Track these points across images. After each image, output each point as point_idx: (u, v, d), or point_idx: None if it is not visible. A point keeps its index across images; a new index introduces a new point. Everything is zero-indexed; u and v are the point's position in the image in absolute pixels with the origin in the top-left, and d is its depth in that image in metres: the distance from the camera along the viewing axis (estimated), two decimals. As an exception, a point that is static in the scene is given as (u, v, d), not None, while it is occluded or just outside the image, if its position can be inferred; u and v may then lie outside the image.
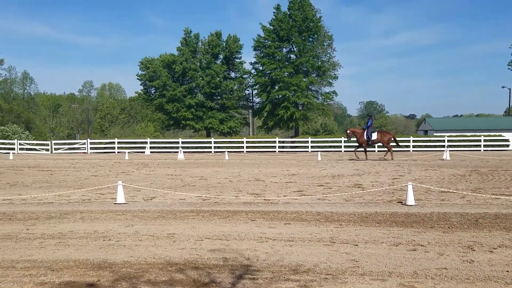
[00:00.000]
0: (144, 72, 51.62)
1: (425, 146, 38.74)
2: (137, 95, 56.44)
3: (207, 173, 18.71)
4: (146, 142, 41.57)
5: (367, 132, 27.53)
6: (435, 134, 49.16)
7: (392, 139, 27.83)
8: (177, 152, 32.72)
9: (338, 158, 28.92)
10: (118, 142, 42.44)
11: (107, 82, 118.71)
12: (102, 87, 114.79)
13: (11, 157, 31.51)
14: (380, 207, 10.12)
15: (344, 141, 39.39)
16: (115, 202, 10.90)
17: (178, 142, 41.29)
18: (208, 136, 51.43)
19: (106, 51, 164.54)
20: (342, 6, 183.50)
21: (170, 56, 50.85)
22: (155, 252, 6.48)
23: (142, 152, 39.33)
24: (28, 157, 33.19)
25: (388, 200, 11.01)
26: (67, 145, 45.41)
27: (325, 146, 40.26)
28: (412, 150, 37.88)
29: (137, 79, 52.57)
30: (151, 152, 39.22)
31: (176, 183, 15.27)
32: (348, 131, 28.54)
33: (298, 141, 42.91)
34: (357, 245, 6.79)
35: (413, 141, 39.17)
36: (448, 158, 26.21)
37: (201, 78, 50.20)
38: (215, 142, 41.49)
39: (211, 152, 40.19)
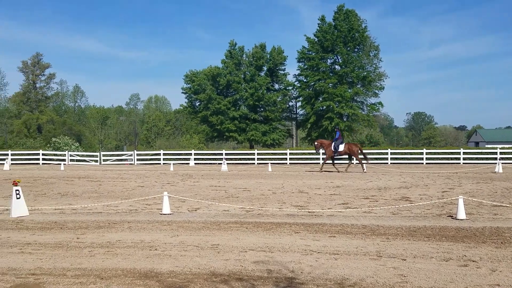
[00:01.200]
0: (189, 85, 52.55)
1: (476, 158, 37.35)
2: (182, 107, 57.48)
3: (250, 185, 18.74)
4: (190, 154, 42.15)
5: (334, 144, 27.98)
6: (486, 145, 47.47)
7: (359, 151, 28.27)
8: (221, 163, 32.98)
9: (385, 171, 28.34)
10: (164, 154, 43.23)
11: (153, 95, 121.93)
12: (149, 100, 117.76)
13: (62, 168, 32.66)
14: (429, 221, 9.82)
15: (391, 153, 38.67)
16: (161, 213, 11.07)
17: (221, 154, 41.66)
18: (251, 148, 51.64)
19: (153, 65, 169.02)
20: (388, 17, 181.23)
21: (215, 69, 51.59)
22: (199, 262, 6.53)
23: (186, 163, 39.89)
24: (78, 168, 34.30)
25: (438, 214, 10.67)
26: (115, 156, 46.67)
27: (370, 158, 39.56)
28: (463, 163, 36.67)
29: (182, 92, 53.59)
30: (195, 163, 39.71)
31: (220, 194, 15.37)
32: (316, 143, 29.31)
33: (342, 152, 42.38)
34: (405, 260, 6.60)
35: (464, 153, 37.87)
36: (501, 170, 25.21)
37: (244, 91, 50.60)
38: (258, 154, 41.58)
39: (254, 163, 40.29)
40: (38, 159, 42.96)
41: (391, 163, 37.75)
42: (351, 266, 6.30)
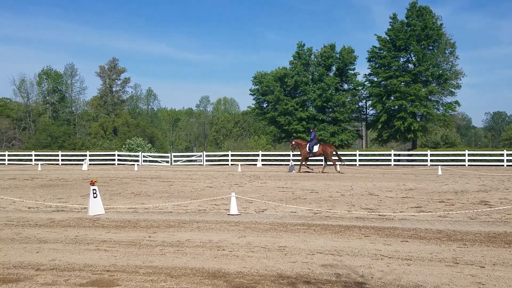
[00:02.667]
0: (257, 87, 52.94)
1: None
2: (250, 109, 58.03)
3: (318, 186, 18.53)
4: (258, 155, 42.43)
5: (309, 144, 28.04)
6: None
7: (334, 152, 28.73)
8: (288, 164, 32.90)
9: (461, 173, 27.06)
10: (232, 155, 43.83)
11: (222, 97, 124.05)
12: (218, 101, 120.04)
13: (136, 168, 33.99)
14: (510, 226, 9.21)
15: (468, 154, 36.90)
16: (228, 213, 11.18)
17: (289, 155, 41.58)
18: (320, 149, 51.08)
19: (222, 67, 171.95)
20: (465, 13, 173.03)
21: (282, 70, 51.63)
22: (267, 264, 6.49)
23: (254, 164, 40.19)
24: (150, 169, 35.55)
25: (519, 219, 10.00)
26: (185, 157, 47.95)
27: (446, 159, 37.93)
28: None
29: (250, 94, 54.09)
30: (262, 164, 39.92)
31: (287, 195, 15.30)
32: (292, 142, 29.52)
33: (416, 154, 40.94)
34: (483, 267, 6.21)
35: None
36: None
37: (312, 91, 50.25)
38: (326, 155, 41.10)
39: (322, 165, 39.87)
40: (113, 159, 45.02)
41: (468, 165, 35.99)
42: (425, 272, 6.02)
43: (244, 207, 12.28)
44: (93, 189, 11.11)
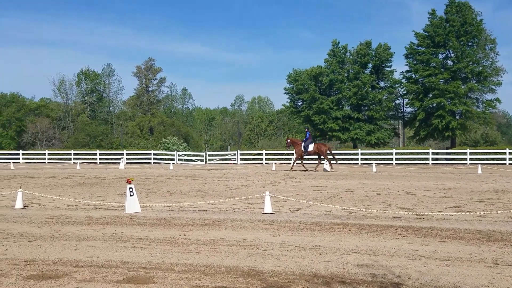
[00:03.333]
0: (291, 85, 52.79)
1: None
2: (284, 107, 57.93)
3: (353, 185, 18.31)
4: (292, 153, 42.28)
5: (304, 143, 28.27)
6: None
7: (328, 151, 29.17)
8: (323, 163, 32.64)
9: (502, 172, 26.24)
10: (266, 153, 43.85)
11: (256, 96, 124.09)
12: (252, 100, 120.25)
13: (171, 167, 34.43)
14: (554, 227, 8.86)
15: (509, 153, 35.76)
16: (262, 212, 11.17)
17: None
18: (355, 147, 50.59)
19: (257, 66, 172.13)
20: (506, 9, 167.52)
21: (317, 69, 51.31)
22: (301, 263, 6.45)
23: (288, 163, 40.08)
24: (185, 167, 35.96)
25: None
26: (219, 156, 48.27)
27: (486, 158, 36.88)
28: None
29: (285, 92, 53.97)
30: (297, 163, 39.76)
31: (322, 194, 15.18)
32: (288, 140, 29.93)
33: (454, 152, 39.96)
34: (527, 270, 5.99)
35: None
36: None
37: (347, 89, 49.73)
38: (362, 154, 40.60)
39: (357, 163, 39.41)
40: (149, 158, 45.76)
41: (509, 164, 34.87)
42: (463, 273, 5.85)
43: (278, 206, 12.25)
44: (130, 188, 11.30)
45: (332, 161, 29.19)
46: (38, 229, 9.25)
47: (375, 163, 31.99)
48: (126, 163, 40.78)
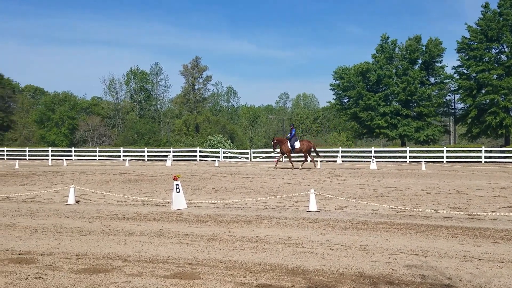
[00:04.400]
0: (337, 82, 52.18)
1: None
2: (330, 105, 57.37)
3: (401, 184, 17.90)
4: (337, 151, 41.82)
5: (290, 141, 28.08)
6: None
7: (313, 149, 29.32)
8: (369, 161, 32.10)
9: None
10: (311, 151, 43.47)
11: (301, 93, 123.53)
12: (297, 98, 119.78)
13: (216, 164, 34.76)
14: None
15: None
16: (307, 210, 11.09)
17: (370, 151, 40.57)
18: (403, 144, 49.48)
19: (302, 63, 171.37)
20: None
21: (365, 64, 50.49)
22: (347, 262, 6.35)
23: (333, 161, 39.65)
24: (230, 165, 36.22)
25: None
26: (264, 153, 48.33)
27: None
28: None
29: (330, 89, 53.41)
30: (342, 161, 39.29)
31: (368, 193, 14.92)
32: (275, 140, 29.24)
33: (509, 150, 38.35)
34: None
35: None
36: None
37: (396, 85, 48.69)
38: (410, 151, 39.62)
39: (406, 161, 38.51)
40: (195, 155, 46.38)
41: None
42: (520, 278, 5.59)
43: (324, 204, 12.13)
44: (176, 184, 11.48)
45: (316, 159, 29.73)
46: (89, 224, 9.54)
47: (425, 161, 31.11)
48: (173, 160, 41.51)
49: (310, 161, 30.15)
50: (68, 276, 5.71)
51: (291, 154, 29.50)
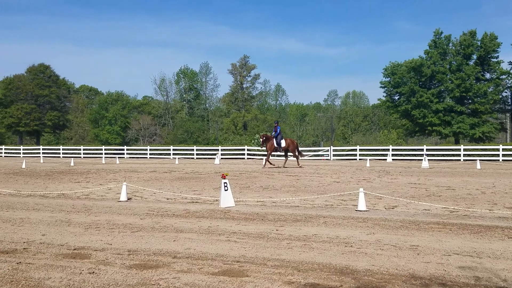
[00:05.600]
0: (388, 79, 51.15)
1: None
2: (380, 102, 56.32)
3: (455, 183, 17.32)
4: (388, 149, 40.98)
5: (276, 139, 27.80)
6: None
7: (297, 148, 29.01)
8: (421, 159, 31.25)
9: None
10: (360, 149, 42.88)
11: (351, 90, 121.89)
12: (346, 95, 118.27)
13: (263, 162, 34.81)
14: None
15: None
16: (356, 209, 10.92)
17: (422, 150, 39.50)
18: (456, 143, 47.89)
19: (351, 60, 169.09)
20: None
21: (417, 60, 49.23)
22: (397, 263, 6.20)
23: (383, 159, 38.90)
24: (278, 163, 36.19)
25: None
26: (312, 152, 48.01)
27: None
28: None
29: (381, 86, 52.42)
30: (393, 159, 38.46)
31: (420, 192, 14.53)
32: (263, 138, 28.14)
33: None
34: None
35: None
36: None
37: (450, 82, 47.20)
38: (464, 150, 38.29)
39: (459, 160, 37.26)
40: (243, 154, 46.68)
41: None
42: None
43: (373, 203, 11.92)
44: (224, 182, 11.58)
45: (299, 157, 29.35)
46: (140, 220, 9.79)
47: (479, 160, 29.97)
48: (221, 158, 41.94)
49: (293, 157, 29.68)
50: (120, 272, 5.87)
51: (274, 152, 28.91)
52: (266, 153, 29.50)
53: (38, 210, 11.43)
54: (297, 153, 29.29)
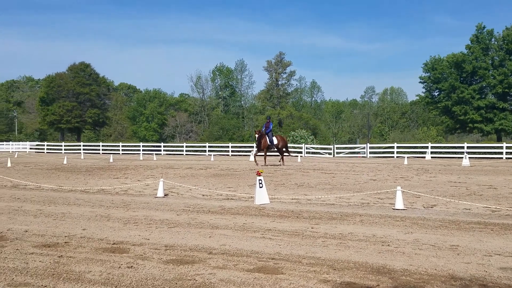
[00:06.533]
0: (428, 74, 50.08)
1: None
2: (419, 98, 55.20)
3: (497, 182, 16.80)
4: (426, 147, 40.11)
5: (268, 136, 26.55)
6: None
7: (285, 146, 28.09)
8: (461, 157, 30.46)
9: None
10: (397, 147, 42.16)
11: (388, 86, 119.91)
12: (384, 92, 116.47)
13: (299, 160, 34.74)
14: None
15: None
16: (393, 208, 10.74)
17: (462, 147, 38.49)
18: (499, 140, 46.43)
19: (389, 56, 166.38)
20: None
21: (459, 56, 47.98)
22: (436, 263, 6.06)
23: (422, 157, 38.12)
24: (313, 160, 36.01)
25: None
26: (347, 149, 47.51)
27: None
28: None
29: (420, 82, 51.36)
30: (432, 157, 37.64)
31: (460, 191, 14.16)
32: (259, 134, 26.68)
33: None
34: None
35: None
36: None
37: (492, 77, 45.79)
38: (507, 147, 37.08)
39: (501, 158, 36.13)
40: (279, 151, 46.61)
41: None
42: None
43: (411, 202, 11.69)
44: (259, 180, 11.59)
45: (285, 154, 28.30)
46: (177, 216, 9.91)
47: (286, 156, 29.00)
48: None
49: (282, 156, 28.32)
50: (158, 266, 5.96)
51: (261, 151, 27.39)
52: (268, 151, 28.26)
53: (79, 205, 11.74)
54: (285, 151, 28.25)
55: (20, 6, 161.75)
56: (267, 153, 28.12)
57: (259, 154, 28.40)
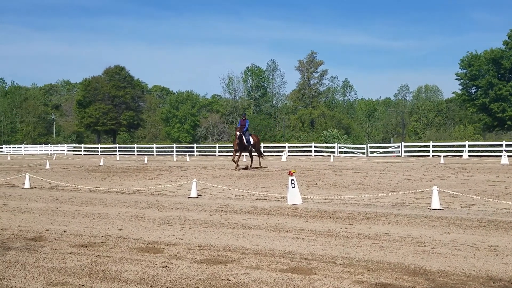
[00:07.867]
0: (464, 71, 48.92)
1: None
2: (455, 96, 53.98)
3: (538, 180, 16.25)
4: (464, 145, 39.16)
5: (245, 135, 24.04)
6: None
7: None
8: (500, 155, 29.59)
9: None
10: (433, 145, 41.30)
11: (423, 84, 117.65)
12: (418, 90, 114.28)
13: (331, 159, 34.46)
14: None
15: None
16: (429, 208, 10.52)
17: (501, 145, 37.37)
18: (539, 138, 44.91)
19: (423, 53, 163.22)
20: None
21: (497, 51, 46.67)
22: (474, 264, 5.91)
23: (459, 155, 37.24)
24: (346, 160, 35.66)
25: None
26: (381, 148, 46.84)
27: None
28: None
29: (456, 78, 50.24)
30: (469, 155, 36.72)
31: (499, 190, 13.75)
32: (241, 132, 23.72)
33: None
34: None
35: None
36: None
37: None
38: (548, 145, 35.82)
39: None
40: (310, 151, 46.42)
41: None
42: None
43: (448, 202, 11.43)
44: (292, 180, 11.55)
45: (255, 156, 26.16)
46: (210, 216, 9.99)
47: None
48: (288, 155, 41.94)
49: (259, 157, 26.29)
50: (191, 266, 6.02)
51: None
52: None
53: (115, 205, 11.98)
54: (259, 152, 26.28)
55: (53, 10, 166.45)
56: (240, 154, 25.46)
57: (237, 154, 24.71)
